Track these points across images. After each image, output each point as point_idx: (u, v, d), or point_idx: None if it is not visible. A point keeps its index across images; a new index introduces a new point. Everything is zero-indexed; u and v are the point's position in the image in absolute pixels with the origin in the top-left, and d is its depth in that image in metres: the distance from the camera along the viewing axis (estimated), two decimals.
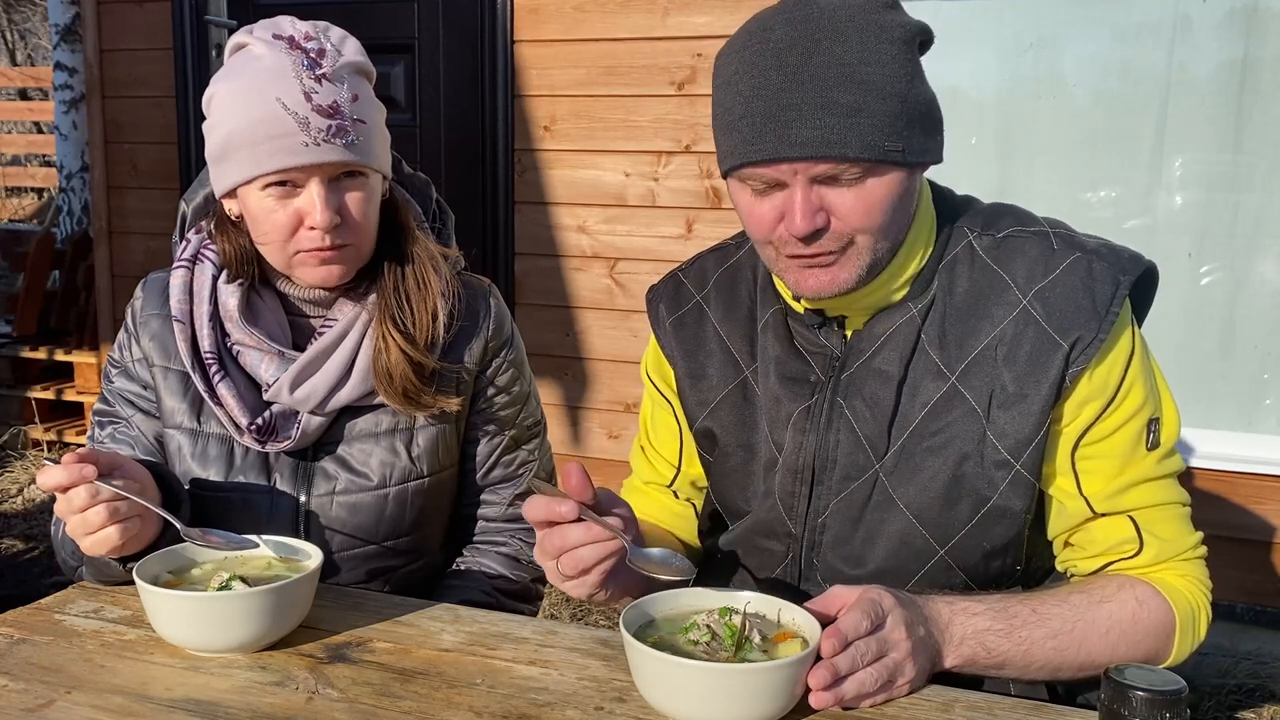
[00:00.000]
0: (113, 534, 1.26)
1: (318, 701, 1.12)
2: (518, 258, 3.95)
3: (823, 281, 1.23)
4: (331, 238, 1.41)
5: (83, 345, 5.31)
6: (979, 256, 1.30)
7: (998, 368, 1.25)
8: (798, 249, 1.21)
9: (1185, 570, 1.28)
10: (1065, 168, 3.44)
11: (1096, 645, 1.20)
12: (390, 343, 1.47)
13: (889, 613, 1.11)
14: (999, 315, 1.26)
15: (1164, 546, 1.26)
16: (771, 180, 1.19)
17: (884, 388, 1.29)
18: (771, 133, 1.16)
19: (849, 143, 1.15)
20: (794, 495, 1.34)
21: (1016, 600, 1.22)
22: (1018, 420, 1.24)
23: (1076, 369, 1.22)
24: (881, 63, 1.16)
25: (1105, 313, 1.22)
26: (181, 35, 4.32)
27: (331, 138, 1.37)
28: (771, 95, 1.16)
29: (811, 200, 1.18)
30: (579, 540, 1.13)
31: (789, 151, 1.16)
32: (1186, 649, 1.26)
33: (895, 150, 1.17)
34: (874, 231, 1.21)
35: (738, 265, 1.46)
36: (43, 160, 10.59)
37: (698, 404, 1.43)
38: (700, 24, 3.60)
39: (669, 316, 1.47)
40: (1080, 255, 1.26)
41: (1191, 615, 1.26)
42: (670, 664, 1.04)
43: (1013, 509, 1.26)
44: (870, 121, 1.15)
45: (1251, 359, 3.31)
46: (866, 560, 1.30)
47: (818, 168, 1.17)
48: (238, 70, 1.40)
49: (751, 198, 1.23)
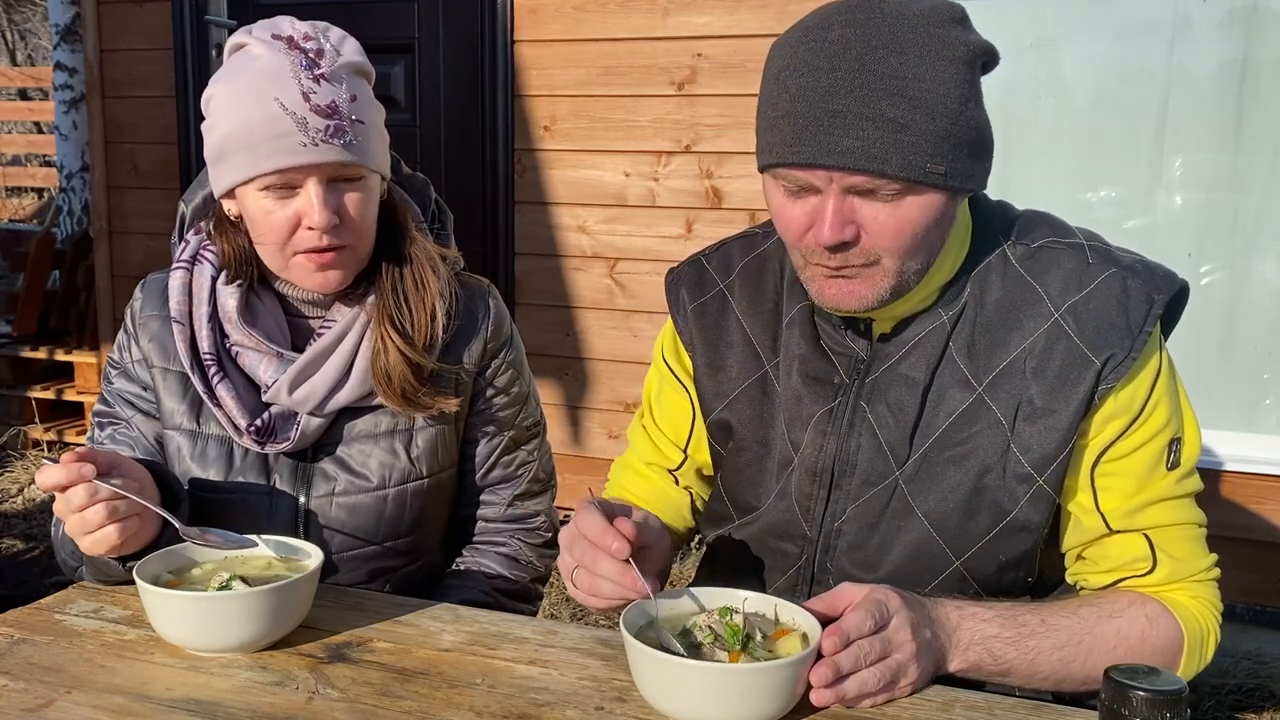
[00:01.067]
0: (112, 533, 1.26)
1: (318, 701, 1.12)
2: (518, 258, 3.95)
3: (844, 293, 1.21)
4: (330, 238, 1.41)
5: (83, 345, 5.31)
6: (1012, 266, 1.27)
7: (1026, 380, 1.23)
8: (823, 258, 1.19)
9: (1198, 592, 1.26)
10: (1065, 168, 3.44)
11: (1102, 660, 1.18)
12: (389, 344, 1.47)
13: (895, 614, 1.11)
14: (1030, 327, 1.24)
15: (1177, 566, 1.25)
16: (806, 184, 1.17)
17: (909, 394, 1.27)
18: (812, 137, 1.13)
19: (889, 159, 1.12)
20: (811, 498, 1.32)
21: (1026, 609, 1.21)
22: (1043, 435, 1.22)
23: (1106, 386, 1.21)
24: (937, 80, 1.12)
25: (1138, 332, 1.20)
26: (181, 35, 4.32)
27: (330, 138, 1.36)
28: (818, 98, 1.13)
29: (843, 212, 1.15)
30: (607, 575, 1.14)
31: (826, 159, 1.13)
32: (1192, 671, 1.24)
33: (937, 173, 1.14)
34: (901, 253, 1.18)
35: (764, 255, 1.43)
36: (43, 160, 10.59)
37: (715, 395, 1.41)
38: (700, 24, 3.60)
39: (690, 302, 1.44)
40: (1116, 271, 1.24)
41: (1200, 637, 1.25)
42: (670, 664, 1.04)
43: (1031, 523, 1.25)
44: (915, 140, 1.12)
45: (1251, 359, 3.31)
46: (880, 567, 1.29)
47: (853, 179, 1.14)
48: (236, 70, 1.40)
49: (784, 198, 1.21)
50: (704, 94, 3.62)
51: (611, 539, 1.12)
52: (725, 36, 3.56)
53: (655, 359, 1.52)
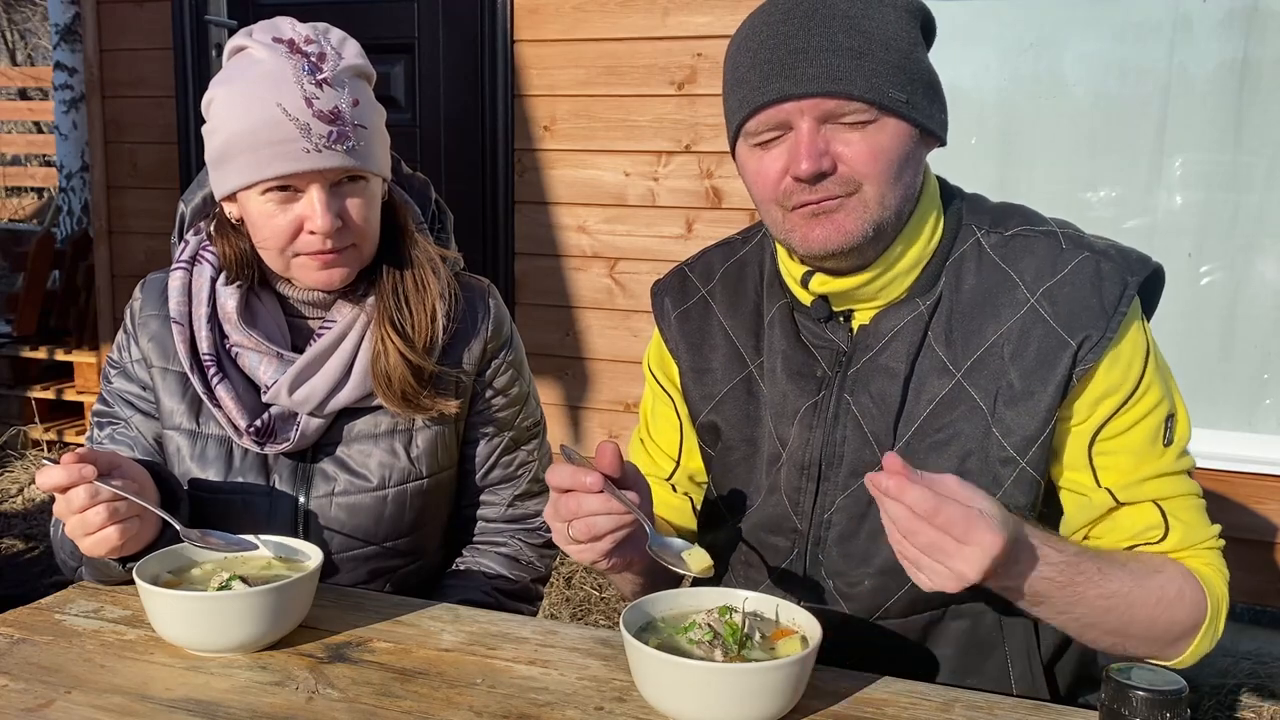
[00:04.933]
0: (112, 534, 1.26)
1: (318, 701, 1.12)
2: (518, 258, 3.95)
3: (829, 232, 1.23)
4: (333, 242, 1.41)
5: (83, 345, 5.31)
6: (987, 254, 1.30)
7: (1004, 365, 1.25)
8: (804, 195, 1.22)
9: (1209, 559, 1.26)
10: (1065, 168, 3.44)
11: (1146, 615, 1.18)
12: (389, 345, 1.47)
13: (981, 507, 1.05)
14: (1006, 313, 1.26)
15: (1189, 531, 1.25)
16: (779, 123, 1.21)
17: (890, 384, 1.29)
18: (778, 74, 1.20)
19: (855, 81, 1.18)
20: (800, 491, 1.34)
21: (1090, 558, 1.17)
22: (1024, 417, 1.24)
23: (1083, 368, 1.23)
24: (885, 21, 1.21)
25: (1113, 312, 1.23)
26: (181, 35, 4.32)
27: (333, 144, 1.36)
28: (779, 43, 1.21)
29: (817, 142, 1.20)
30: (595, 509, 1.13)
31: (794, 88, 1.19)
32: (1208, 644, 1.24)
33: (899, 100, 1.20)
34: (879, 180, 1.21)
35: (744, 260, 1.46)
36: (43, 160, 10.59)
37: (701, 398, 1.43)
38: (700, 24, 3.60)
39: (674, 310, 1.47)
40: (1088, 255, 1.26)
41: (1218, 603, 1.24)
42: (670, 664, 1.04)
43: (1017, 505, 1.26)
44: (874, 66, 1.19)
45: (1251, 359, 3.31)
46: (871, 557, 1.30)
47: (825, 105, 1.19)
48: (238, 74, 1.40)
49: (759, 157, 1.25)
50: (704, 94, 3.62)
51: (583, 475, 1.13)
52: (725, 36, 3.54)
53: (645, 375, 1.54)
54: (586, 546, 1.16)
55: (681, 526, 1.52)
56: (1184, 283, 3.31)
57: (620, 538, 1.16)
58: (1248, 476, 3.19)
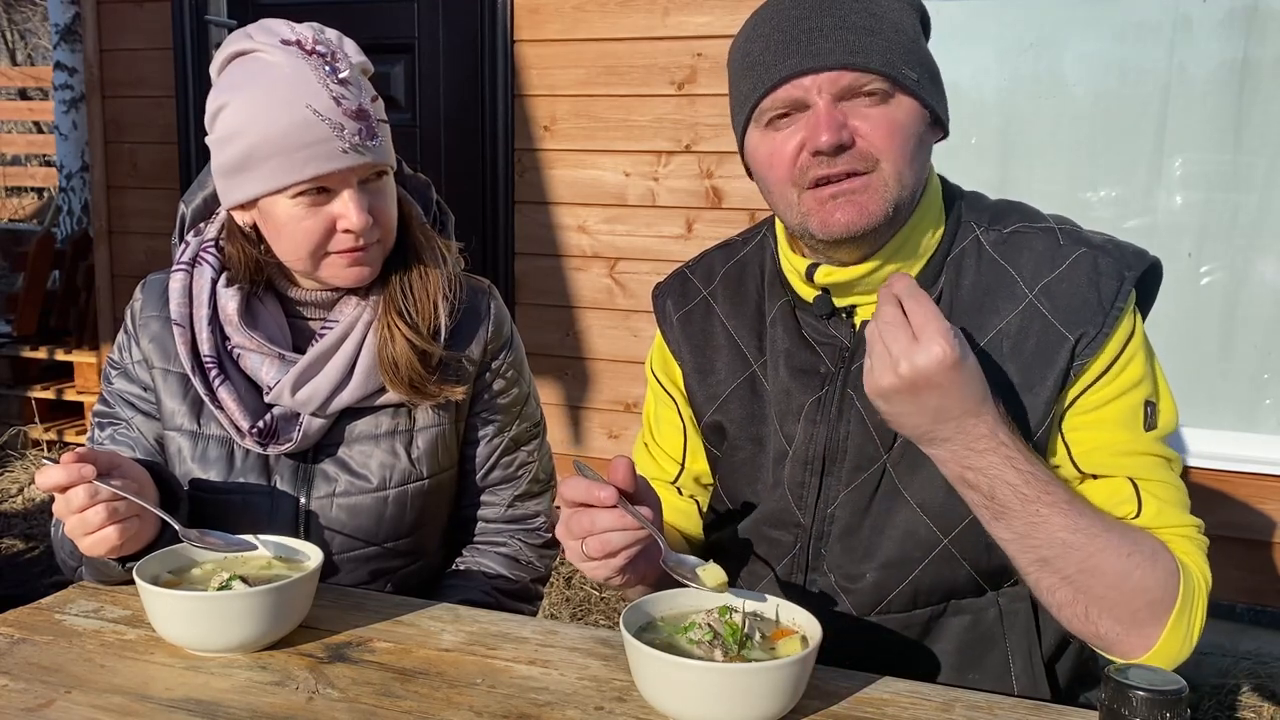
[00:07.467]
0: (111, 534, 1.26)
1: (318, 701, 1.12)
2: (518, 258, 3.95)
3: (851, 215, 1.22)
4: (364, 239, 1.42)
5: (83, 345, 5.31)
6: (985, 251, 1.31)
7: (1003, 360, 1.26)
8: (822, 169, 1.21)
9: (1187, 549, 1.21)
10: (1065, 168, 3.44)
11: (1113, 562, 1.13)
12: (396, 332, 1.47)
13: (938, 361, 1.09)
14: (1005, 309, 1.27)
15: (1164, 509, 1.21)
16: (795, 101, 1.22)
17: None
18: (794, 52, 1.21)
19: (871, 54, 1.19)
20: (803, 485, 1.34)
21: (1063, 485, 1.15)
22: (1022, 412, 1.24)
23: (1081, 362, 1.23)
24: (892, 7, 1.24)
25: (1110, 307, 1.23)
26: (181, 35, 4.32)
27: (364, 141, 1.38)
28: (792, 24, 1.22)
29: (835, 116, 1.20)
30: (609, 525, 1.13)
31: (811, 63, 1.20)
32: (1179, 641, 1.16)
33: (911, 78, 1.22)
34: (897, 158, 1.22)
35: (744, 260, 1.46)
36: (43, 160, 10.59)
37: (706, 399, 1.43)
38: (700, 24, 3.60)
39: (676, 312, 1.47)
40: (1086, 251, 1.27)
41: (1193, 594, 1.18)
42: (670, 664, 1.04)
43: None
44: (887, 44, 1.21)
45: (1251, 359, 3.31)
46: (874, 552, 1.30)
47: (843, 79, 1.20)
48: (250, 79, 1.37)
49: (772, 139, 1.25)
50: (704, 94, 3.62)
51: (597, 489, 1.13)
52: (725, 36, 3.56)
53: (648, 378, 1.54)
54: (600, 563, 1.16)
55: (688, 531, 1.52)
56: (1184, 283, 3.31)
57: (634, 554, 1.16)
58: (1248, 476, 3.19)
